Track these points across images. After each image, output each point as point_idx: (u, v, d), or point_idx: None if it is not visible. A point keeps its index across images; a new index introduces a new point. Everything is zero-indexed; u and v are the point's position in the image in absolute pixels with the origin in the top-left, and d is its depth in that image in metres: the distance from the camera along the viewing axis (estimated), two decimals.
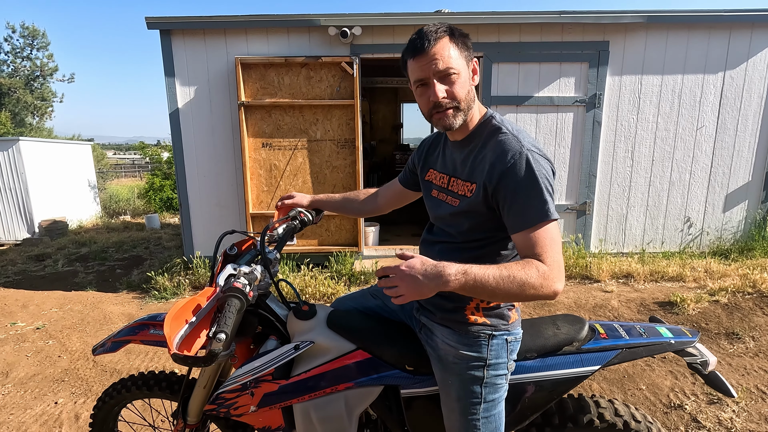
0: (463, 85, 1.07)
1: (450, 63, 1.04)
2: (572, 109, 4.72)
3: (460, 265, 0.94)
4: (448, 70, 1.04)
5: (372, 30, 4.55)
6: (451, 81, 1.05)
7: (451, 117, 1.09)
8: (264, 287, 1.30)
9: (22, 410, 2.53)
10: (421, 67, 1.06)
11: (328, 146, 4.76)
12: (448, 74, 1.05)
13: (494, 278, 0.93)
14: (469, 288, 0.94)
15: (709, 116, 4.76)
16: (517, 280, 0.94)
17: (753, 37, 4.59)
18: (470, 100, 1.10)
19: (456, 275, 0.92)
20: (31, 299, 4.43)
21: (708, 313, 3.45)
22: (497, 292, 0.94)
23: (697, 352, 1.33)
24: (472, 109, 1.12)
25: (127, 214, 10.13)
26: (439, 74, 1.05)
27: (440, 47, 1.04)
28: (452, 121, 1.09)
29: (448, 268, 0.92)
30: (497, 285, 0.93)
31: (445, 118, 1.09)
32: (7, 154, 7.09)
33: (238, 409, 1.34)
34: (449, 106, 1.07)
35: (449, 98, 1.06)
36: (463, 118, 1.11)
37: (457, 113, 1.09)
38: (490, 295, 0.97)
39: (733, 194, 4.92)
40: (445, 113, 1.08)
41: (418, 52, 1.05)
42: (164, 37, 4.55)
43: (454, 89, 1.06)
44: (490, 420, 1.18)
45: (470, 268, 0.93)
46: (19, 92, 20.93)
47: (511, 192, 1.03)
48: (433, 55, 1.03)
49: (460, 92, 1.06)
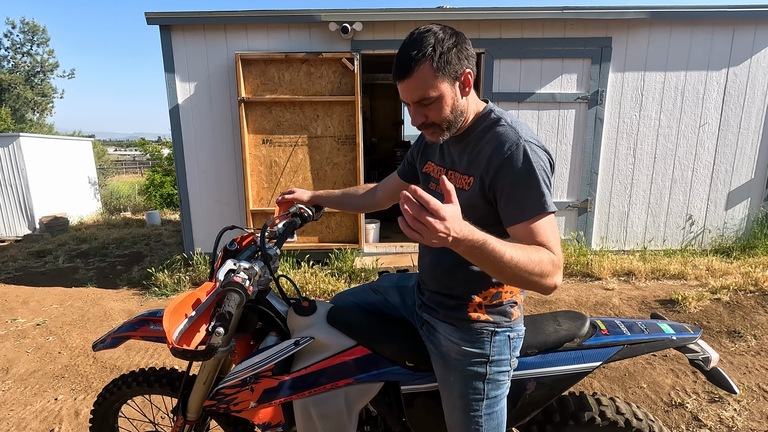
0: (444, 107, 1.06)
1: (426, 92, 1.03)
2: (574, 106, 4.70)
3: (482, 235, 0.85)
4: (424, 100, 1.04)
5: (373, 26, 4.53)
6: (430, 108, 1.06)
7: (436, 135, 1.12)
8: (264, 283, 1.29)
9: (22, 406, 2.53)
10: (402, 93, 1.07)
11: (328, 143, 4.75)
12: (426, 102, 1.05)
13: (509, 255, 0.88)
14: (479, 255, 0.86)
15: (712, 113, 4.74)
16: (533, 260, 0.90)
17: (757, 34, 4.56)
18: (455, 118, 1.09)
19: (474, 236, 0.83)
20: (32, 295, 4.43)
21: (709, 311, 3.44)
22: (505, 270, 0.89)
23: (698, 348, 1.32)
24: (461, 120, 1.11)
25: (128, 210, 10.13)
26: (416, 102, 1.06)
27: (417, 75, 1.01)
28: (438, 138, 1.12)
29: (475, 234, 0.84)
30: (510, 259, 0.88)
31: (430, 135, 1.13)
32: (8, 150, 7.09)
33: (238, 405, 1.34)
34: (432, 127, 1.10)
35: (429, 121, 1.09)
36: (449, 134, 1.12)
37: (442, 132, 1.11)
38: (496, 271, 0.90)
39: (735, 192, 4.90)
40: (429, 131, 1.12)
41: (398, 78, 1.05)
42: (164, 33, 4.53)
43: (431, 114, 1.07)
44: (492, 417, 1.17)
45: (488, 237, 0.86)
46: (19, 88, 20.91)
47: (508, 183, 1.02)
48: (410, 83, 1.03)
49: (437, 116, 1.07)
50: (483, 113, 1.14)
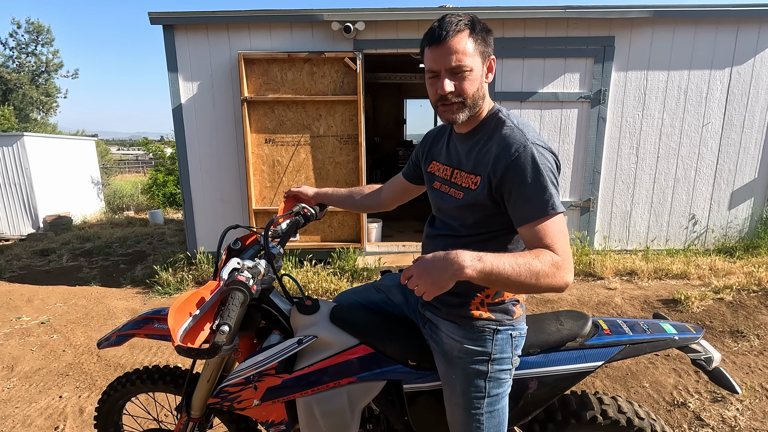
0: (473, 82, 1.06)
1: (463, 60, 1.03)
2: (577, 105, 4.69)
3: (474, 252, 0.92)
4: (461, 67, 1.04)
5: (375, 25, 4.53)
6: (462, 77, 1.05)
7: (456, 112, 1.09)
8: (267, 282, 1.30)
9: (26, 404, 2.55)
10: (435, 59, 1.05)
11: (331, 142, 4.76)
12: (459, 71, 1.04)
13: (510, 266, 0.92)
14: (485, 276, 0.91)
15: (716, 112, 4.72)
16: (533, 269, 0.93)
17: (761, 32, 4.54)
18: (479, 97, 1.09)
19: (471, 262, 0.91)
20: (36, 294, 4.46)
21: (712, 310, 3.43)
22: (513, 281, 0.93)
23: (701, 348, 1.32)
24: (480, 105, 1.11)
25: (131, 209, 10.17)
26: (451, 70, 1.04)
27: (457, 41, 1.02)
28: (456, 116, 1.09)
29: (461, 255, 0.91)
30: (513, 273, 0.92)
31: (449, 112, 1.09)
32: (12, 150, 7.13)
33: (242, 402, 1.35)
34: (455, 101, 1.08)
35: (456, 94, 1.06)
36: (467, 114, 1.10)
37: (462, 109, 1.09)
38: (505, 284, 0.95)
39: (739, 191, 4.88)
40: (450, 107, 1.09)
41: (434, 42, 1.04)
42: (167, 33, 4.54)
43: (463, 85, 1.05)
44: (493, 415, 1.18)
45: (485, 256, 0.92)
46: (24, 88, 21.00)
47: (516, 185, 1.02)
48: (448, 49, 1.03)
49: (468, 89, 1.06)
50: (491, 113, 1.15)
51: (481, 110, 1.13)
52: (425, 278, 0.92)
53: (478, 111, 1.12)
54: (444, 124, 1.25)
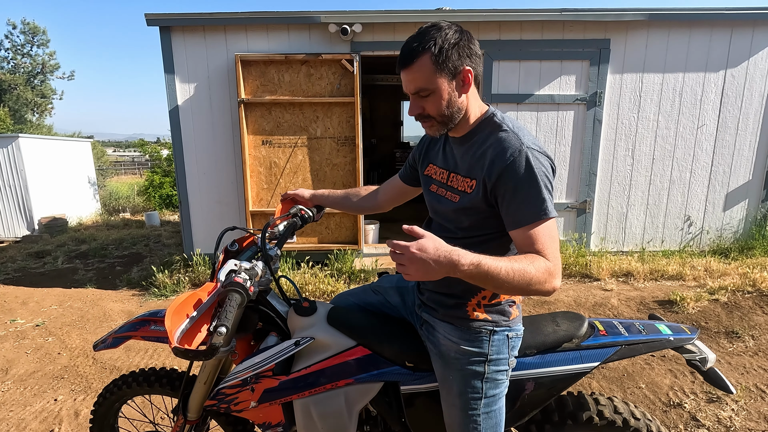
0: (438, 102, 1.08)
1: (423, 84, 1.07)
2: (573, 108, 4.72)
3: (475, 256, 0.92)
4: (421, 91, 1.08)
5: (372, 27, 4.54)
6: (426, 99, 1.09)
7: (432, 128, 1.15)
8: (265, 283, 1.30)
9: (21, 407, 2.53)
10: (404, 83, 1.11)
11: (328, 144, 4.76)
12: (423, 93, 1.08)
13: (505, 271, 0.93)
14: (478, 277, 0.93)
15: (710, 115, 4.75)
16: (528, 274, 0.95)
17: (755, 36, 4.58)
18: (451, 114, 1.11)
19: (469, 266, 0.91)
20: (31, 296, 4.43)
21: (708, 311, 3.45)
22: (504, 285, 0.94)
23: (696, 349, 1.33)
24: (457, 119, 1.13)
25: (127, 211, 10.12)
26: (415, 92, 1.09)
27: (417, 67, 1.06)
28: (435, 131, 1.15)
29: (463, 258, 0.91)
30: (507, 278, 0.93)
31: (427, 128, 1.16)
32: (7, 151, 7.08)
33: (239, 404, 1.34)
34: (427, 120, 1.13)
35: (424, 114, 1.12)
36: (443, 129, 1.14)
37: (437, 125, 1.13)
38: (495, 287, 0.97)
39: (733, 193, 4.92)
40: (426, 125, 1.15)
41: (400, 67, 1.09)
42: (164, 34, 4.54)
43: (426, 106, 1.10)
44: (490, 415, 1.18)
45: (484, 260, 0.93)
46: (20, 89, 20.89)
47: (510, 189, 1.03)
48: (409, 73, 1.07)
49: (432, 109, 1.10)
50: (485, 117, 1.16)
51: (468, 116, 1.15)
52: (419, 267, 0.89)
53: (458, 123, 1.14)
54: None
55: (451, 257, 0.90)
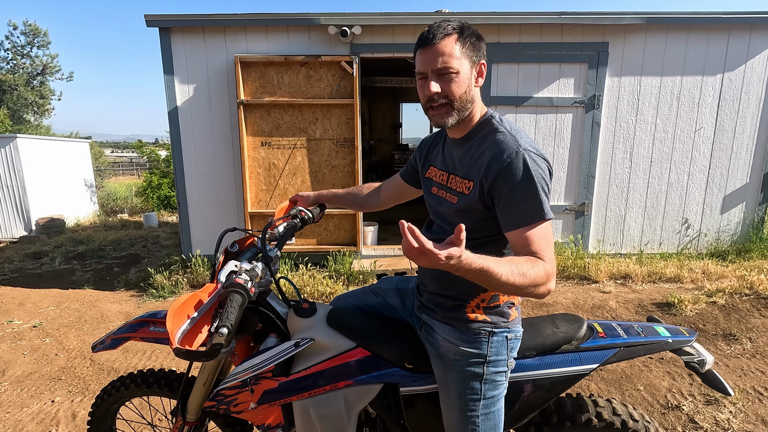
0: (460, 84, 1.08)
1: (449, 62, 1.06)
2: (571, 110, 4.73)
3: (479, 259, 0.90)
4: (447, 69, 1.06)
5: (372, 29, 4.55)
6: (448, 79, 1.07)
7: (444, 116, 1.10)
8: (265, 284, 1.30)
9: (18, 408, 2.52)
10: (423, 61, 1.09)
11: (327, 145, 4.76)
12: (445, 72, 1.06)
13: (505, 273, 0.93)
14: (478, 276, 0.91)
15: (708, 118, 4.78)
16: (527, 277, 0.95)
17: (752, 39, 4.61)
18: (467, 100, 1.10)
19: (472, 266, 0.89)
20: (28, 297, 4.41)
21: (705, 314, 3.46)
22: (501, 285, 0.94)
23: (694, 351, 1.34)
24: (469, 109, 1.12)
25: (125, 212, 10.10)
26: (437, 71, 1.07)
27: (444, 44, 1.06)
28: (444, 119, 1.11)
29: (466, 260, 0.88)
30: (507, 280, 0.93)
31: (438, 116, 1.11)
32: (5, 152, 7.06)
33: (238, 406, 1.34)
34: (442, 103, 1.09)
35: (443, 95, 1.08)
36: (456, 118, 1.11)
37: (450, 112, 1.10)
38: (493, 287, 0.96)
39: (730, 196, 4.94)
40: (438, 111, 1.11)
41: (423, 45, 1.08)
42: (163, 35, 4.54)
43: (449, 87, 1.07)
44: (489, 417, 1.18)
45: (485, 262, 0.91)
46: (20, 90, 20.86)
47: (507, 191, 1.04)
48: (436, 51, 1.06)
49: (455, 91, 1.08)
50: (485, 118, 1.16)
51: (473, 115, 1.15)
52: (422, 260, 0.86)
53: (467, 115, 1.13)
54: (439, 130, 1.27)
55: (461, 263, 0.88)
